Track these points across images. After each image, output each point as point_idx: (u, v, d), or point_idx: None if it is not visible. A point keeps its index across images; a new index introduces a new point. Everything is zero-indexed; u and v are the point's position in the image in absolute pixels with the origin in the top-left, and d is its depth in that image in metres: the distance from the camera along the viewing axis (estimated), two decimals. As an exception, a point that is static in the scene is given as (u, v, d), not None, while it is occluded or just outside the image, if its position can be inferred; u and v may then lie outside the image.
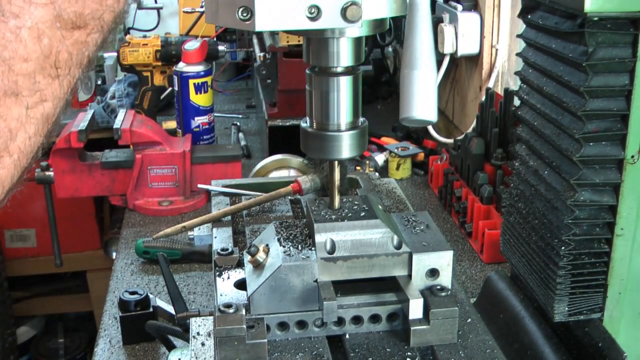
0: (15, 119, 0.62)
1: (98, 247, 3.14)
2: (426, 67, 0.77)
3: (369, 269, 0.98)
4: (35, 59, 0.62)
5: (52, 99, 0.64)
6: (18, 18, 0.60)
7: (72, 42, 0.64)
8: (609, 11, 0.93)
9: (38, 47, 0.62)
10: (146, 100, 2.54)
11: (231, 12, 0.81)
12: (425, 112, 0.77)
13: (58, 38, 0.63)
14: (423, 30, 0.78)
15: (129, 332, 1.42)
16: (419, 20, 0.79)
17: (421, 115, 0.77)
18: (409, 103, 0.77)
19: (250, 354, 0.91)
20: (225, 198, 1.41)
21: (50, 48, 0.63)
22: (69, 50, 0.64)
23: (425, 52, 0.78)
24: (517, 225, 1.18)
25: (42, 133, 0.65)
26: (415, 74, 0.77)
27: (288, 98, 2.23)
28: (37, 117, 0.64)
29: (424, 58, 0.78)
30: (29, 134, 0.64)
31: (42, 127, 0.65)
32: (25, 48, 0.61)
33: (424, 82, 0.77)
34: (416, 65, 0.78)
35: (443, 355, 0.94)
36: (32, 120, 0.63)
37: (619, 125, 0.99)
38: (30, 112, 0.63)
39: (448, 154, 2.00)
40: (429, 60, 0.78)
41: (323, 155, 0.99)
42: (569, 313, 1.07)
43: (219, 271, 1.07)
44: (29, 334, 3.32)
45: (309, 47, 0.94)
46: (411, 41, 0.79)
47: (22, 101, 0.62)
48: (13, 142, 0.62)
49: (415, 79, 0.77)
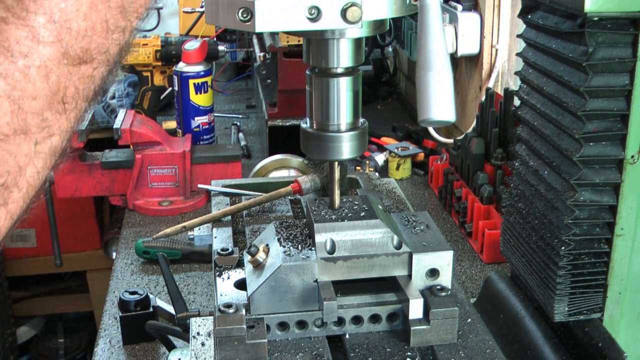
0: (24, 155, 0.63)
1: (98, 247, 3.14)
2: (441, 68, 0.77)
3: (369, 269, 0.98)
4: (44, 96, 0.63)
5: (59, 133, 0.66)
6: (27, 57, 0.61)
7: (78, 77, 0.65)
8: (609, 11, 0.93)
9: (46, 85, 0.63)
10: (146, 100, 2.54)
11: (231, 13, 0.81)
12: (444, 112, 0.77)
13: (65, 74, 0.64)
14: (435, 31, 0.78)
15: (129, 332, 1.42)
16: (430, 21, 0.79)
17: (440, 117, 0.77)
18: (427, 105, 0.77)
19: (250, 354, 0.91)
20: (225, 198, 1.41)
21: (58, 85, 0.64)
22: (76, 85, 0.65)
23: (439, 52, 0.78)
24: (517, 225, 1.18)
25: (50, 166, 0.67)
26: (431, 76, 0.77)
27: (288, 98, 2.23)
28: (45, 151, 0.65)
29: (439, 59, 0.78)
30: (37, 168, 0.65)
31: (49, 161, 0.66)
32: (34, 87, 0.62)
33: (440, 82, 0.77)
34: (431, 67, 0.78)
35: (443, 355, 0.94)
36: (41, 155, 0.65)
37: (619, 125, 0.99)
38: (39, 147, 0.64)
39: (448, 154, 2.00)
40: (443, 61, 0.78)
41: (323, 156, 0.99)
42: (569, 313, 1.07)
43: (219, 271, 1.07)
44: (29, 334, 3.32)
45: (309, 48, 0.94)
46: (424, 43, 0.79)
47: (31, 138, 0.63)
48: (22, 178, 0.64)
49: (431, 80, 0.77)
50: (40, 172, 0.65)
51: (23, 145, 0.63)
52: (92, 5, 0.64)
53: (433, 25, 0.78)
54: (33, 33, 0.62)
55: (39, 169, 0.65)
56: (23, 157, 0.63)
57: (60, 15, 0.62)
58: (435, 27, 0.78)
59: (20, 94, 0.61)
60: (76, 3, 0.63)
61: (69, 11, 0.63)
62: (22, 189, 0.64)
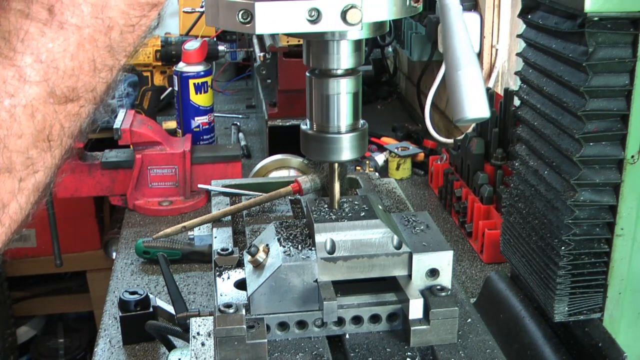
0: (8, 192, 0.64)
1: (98, 247, 3.14)
2: (469, 65, 0.77)
3: (369, 269, 0.98)
4: (29, 135, 0.64)
5: (43, 170, 0.66)
6: (13, 97, 0.62)
7: (64, 115, 0.66)
8: (609, 11, 0.93)
9: (32, 124, 0.63)
10: (146, 100, 2.54)
11: (231, 15, 0.81)
12: (478, 110, 0.77)
13: (51, 113, 0.65)
14: (458, 30, 0.78)
15: (129, 332, 1.42)
16: (452, 21, 0.79)
17: (475, 114, 0.77)
18: (460, 104, 0.77)
19: (250, 354, 0.91)
20: (225, 198, 1.41)
21: (44, 123, 0.64)
22: (62, 122, 0.66)
23: (466, 50, 0.78)
24: (517, 225, 1.18)
25: (33, 201, 0.67)
26: (461, 75, 0.77)
27: (288, 98, 2.23)
28: (28, 188, 0.66)
29: (466, 57, 0.78)
30: (20, 204, 0.65)
31: (33, 197, 0.67)
32: (19, 125, 0.63)
33: (470, 80, 0.77)
34: (459, 66, 0.77)
35: (443, 355, 0.94)
36: (24, 192, 0.65)
37: (619, 125, 0.99)
38: (23, 184, 0.65)
39: (448, 154, 2.00)
40: (470, 58, 0.78)
41: (323, 158, 0.99)
42: (569, 313, 1.07)
43: (219, 271, 1.07)
44: (29, 334, 3.32)
45: (309, 49, 0.94)
46: (449, 43, 0.78)
47: (16, 175, 0.64)
48: (5, 214, 0.64)
49: (462, 79, 0.77)
50: (23, 208, 0.66)
51: (7, 183, 0.63)
52: (79, 45, 0.64)
53: (455, 24, 0.78)
54: (20, 73, 0.62)
55: (22, 205, 0.66)
56: (7, 194, 0.64)
57: (47, 55, 0.63)
58: (457, 25, 0.78)
59: (6, 133, 0.62)
60: (64, 43, 0.63)
61: (56, 51, 0.63)
62: (4, 224, 0.65)
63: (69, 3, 0.63)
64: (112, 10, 0.65)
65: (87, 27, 0.64)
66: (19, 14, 0.62)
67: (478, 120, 0.78)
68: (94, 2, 0.64)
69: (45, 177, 0.67)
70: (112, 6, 0.65)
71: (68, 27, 0.63)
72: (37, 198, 0.67)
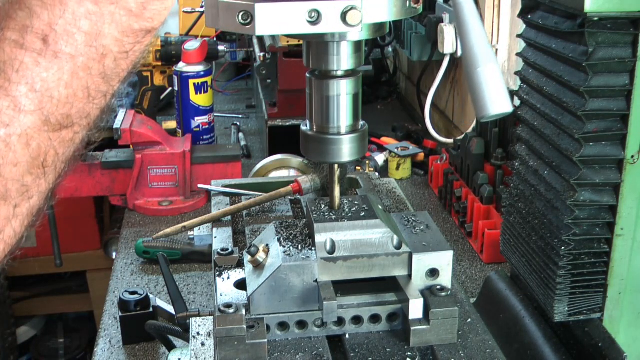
0: (3, 218, 0.65)
1: (98, 247, 3.14)
2: (487, 62, 0.77)
3: (369, 269, 0.98)
4: (25, 162, 0.65)
5: (37, 195, 0.67)
6: (8, 127, 0.63)
7: (59, 142, 0.67)
8: (609, 11, 0.93)
9: (27, 152, 0.64)
10: (146, 100, 2.54)
11: (231, 16, 0.81)
12: (501, 105, 0.77)
13: (46, 140, 0.65)
14: (474, 27, 0.78)
15: (129, 332, 1.42)
16: (467, 19, 0.79)
17: (497, 110, 0.77)
18: (482, 101, 0.77)
19: (250, 354, 0.91)
20: (225, 198, 1.41)
21: (39, 151, 0.65)
22: (56, 149, 0.67)
23: (483, 47, 0.78)
24: (517, 225, 1.18)
25: (27, 225, 0.68)
26: (480, 72, 0.77)
27: (288, 98, 2.23)
28: (23, 213, 0.67)
29: (484, 53, 0.78)
30: (14, 229, 0.67)
31: (27, 221, 0.68)
32: (15, 154, 0.64)
33: (490, 76, 0.77)
34: (478, 63, 0.77)
35: (443, 355, 0.94)
36: (19, 217, 0.67)
37: (619, 125, 0.99)
38: (17, 210, 0.66)
39: (448, 154, 2.00)
40: (488, 54, 0.78)
41: (323, 159, 0.99)
42: (569, 313, 1.07)
43: (219, 271, 1.07)
44: (29, 334, 3.32)
45: (309, 50, 0.94)
46: (467, 41, 0.78)
47: (11, 202, 0.65)
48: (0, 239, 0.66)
49: (482, 76, 0.77)
50: (17, 232, 0.67)
51: (2, 209, 0.64)
52: (73, 73, 0.65)
53: (470, 22, 0.78)
54: (15, 102, 0.63)
55: (17, 229, 0.67)
56: (2, 220, 0.65)
57: (42, 85, 0.64)
58: (472, 22, 0.78)
59: (2, 162, 0.63)
60: (58, 72, 0.64)
61: (50, 80, 0.64)
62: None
63: (63, 32, 0.64)
64: (106, 38, 0.66)
65: (81, 56, 0.65)
66: (14, 44, 0.63)
67: (501, 115, 0.78)
68: (88, 31, 0.65)
69: (39, 202, 0.68)
70: (105, 34, 0.65)
71: (62, 56, 0.64)
72: (31, 222, 0.69)
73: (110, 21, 0.65)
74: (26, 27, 0.63)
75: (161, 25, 0.70)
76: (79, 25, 0.64)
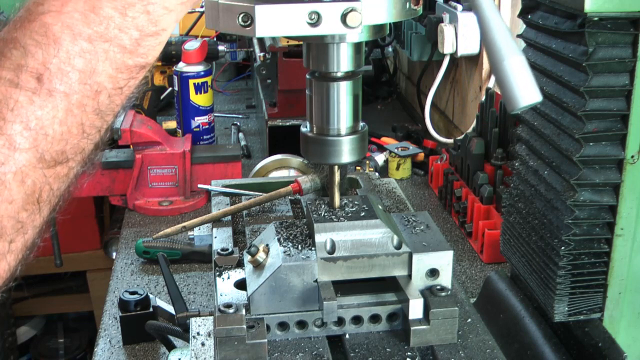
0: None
1: (98, 247, 3.14)
2: (513, 54, 0.77)
3: (369, 269, 0.98)
4: (20, 199, 0.65)
5: (32, 229, 0.68)
6: (3, 165, 0.63)
7: (54, 178, 0.67)
8: (609, 11, 0.93)
9: (22, 189, 0.65)
10: (146, 100, 2.54)
11: (231, 18, 0.81)
12: (530, 96, 0.77)
13: (40, 177, 0.66)
14: (495, 21, 0.78)
15: (129, 332, 1.42)
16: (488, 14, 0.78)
17: (528, 102, 0.77)
18: (512, 94, 0.77)
19: (250, 354, 0.91)
20: (225, 198, 1.41)
21: (34, 187, 0.66)
22: (51, 185, 0.67)
23: (506, 40, 0.78)
24: (517, 225, 1.18)
25: (21, 259, 0.69)
26: (506, 65, 0.77)
27: (288, 98, 2.23)
28: (18, 247, 0.67)
29: (507, 46, 0.77)
30: (9, 264, 0.68)
31: (21, 255, 0.69)
32: (10, 192, 0.64)
33: (517, 68, 0.77)
34: (503, 56, 0.77)
35: (443, 355, 0.94)
36: (14, 252, 0.67)
37: (619, 125, 0.99)
38: (12, 245, 0.67)
39: (448, 154, 2.00)
40: (512, 46, 0.77)
41: (323, 160, 0.99)
42: (569, 313, 1.07)
43: (219, 271, 1.07)
44: (29, 334, 3.32)
45: (309, 52, 0.94)
46: (490, 36, 0.78)
47: (6, 238, 0.66)
48: None
49: (508, 69, 0.77)
50: (12, 266, 0.68)
51: None
52: (68, 111, 0.65)
53: (490, 16, 0.78)
54: (9, 141, 0.63)
55: (11, 264, 0.68)
56: None
57: (36, 123, 0.64)
58: (493, 17, 0.78)
59: None
60: (52, 110, 0.64)
61: (45, 118, 0.64)
62: None
63: (57, 71, 0.64)
64: (100, 75, 0.66)
65: (76, 94, 0.65)
66: (9, 83, 0.63)
67: (532, 105, 0.78)
68: (82, 69, 0.65)
69: (33, 236, 0.69)
70: (100, 72, 0.66)
71: (56, 95, 0.64)
72: (25, 255, 0.69)
73: (104, 59, 0.65)
74: (21, 66, 0.63)
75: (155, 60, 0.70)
76: (73, 64, 0.64)
